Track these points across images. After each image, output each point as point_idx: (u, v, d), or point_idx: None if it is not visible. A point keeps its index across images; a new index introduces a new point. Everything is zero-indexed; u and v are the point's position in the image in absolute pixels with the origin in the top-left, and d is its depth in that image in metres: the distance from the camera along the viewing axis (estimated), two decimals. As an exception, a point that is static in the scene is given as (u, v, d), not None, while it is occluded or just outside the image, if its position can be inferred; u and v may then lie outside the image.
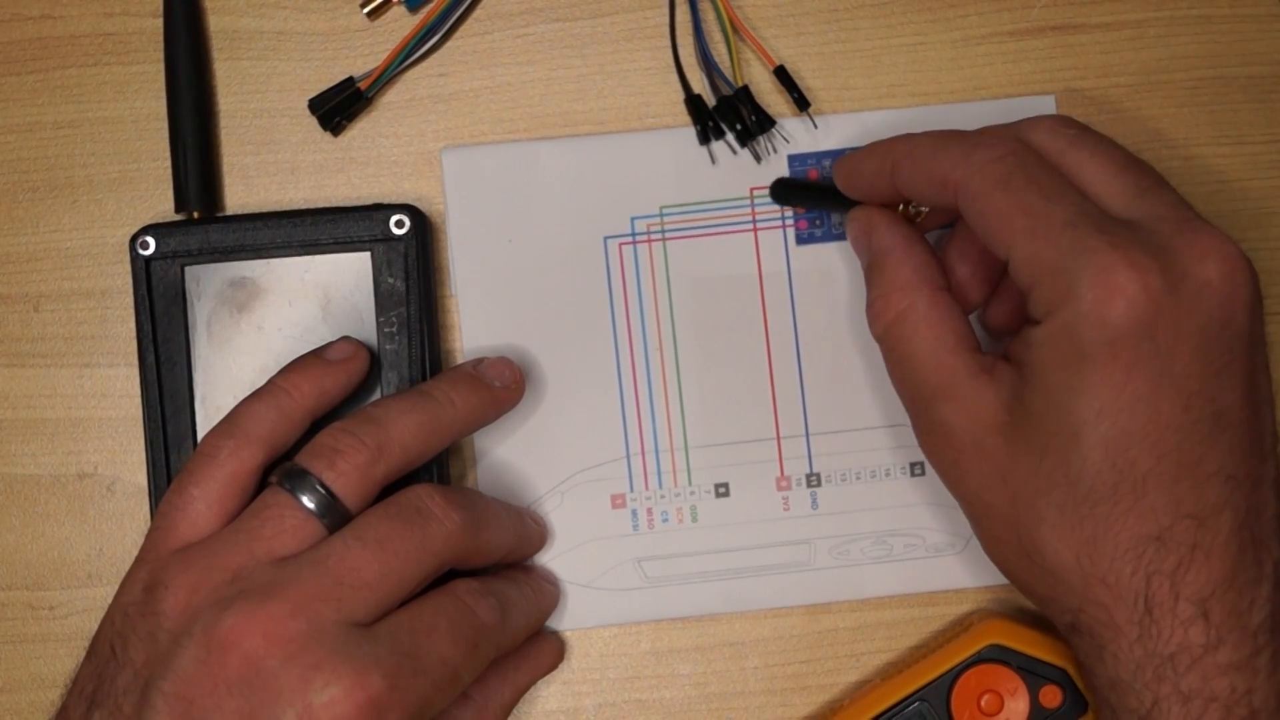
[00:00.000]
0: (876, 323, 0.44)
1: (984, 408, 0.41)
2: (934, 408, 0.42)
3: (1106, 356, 0.38)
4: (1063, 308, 0.39)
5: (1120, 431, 0.38)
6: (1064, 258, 0.39)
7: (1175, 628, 0.38)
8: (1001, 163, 0.41)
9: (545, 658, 0.48)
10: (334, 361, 0.45)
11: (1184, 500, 0.39)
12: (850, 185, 0.47)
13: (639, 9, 0.50)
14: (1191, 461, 0.39)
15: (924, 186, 0.43)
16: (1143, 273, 0.38)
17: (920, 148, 0.44)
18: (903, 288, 0.43)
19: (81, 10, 0.50)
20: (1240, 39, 0.50)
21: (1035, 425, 0.40)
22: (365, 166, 0.50)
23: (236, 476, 0.42)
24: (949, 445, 0.42)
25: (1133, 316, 0.38)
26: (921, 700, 0.46)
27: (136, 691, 0.39)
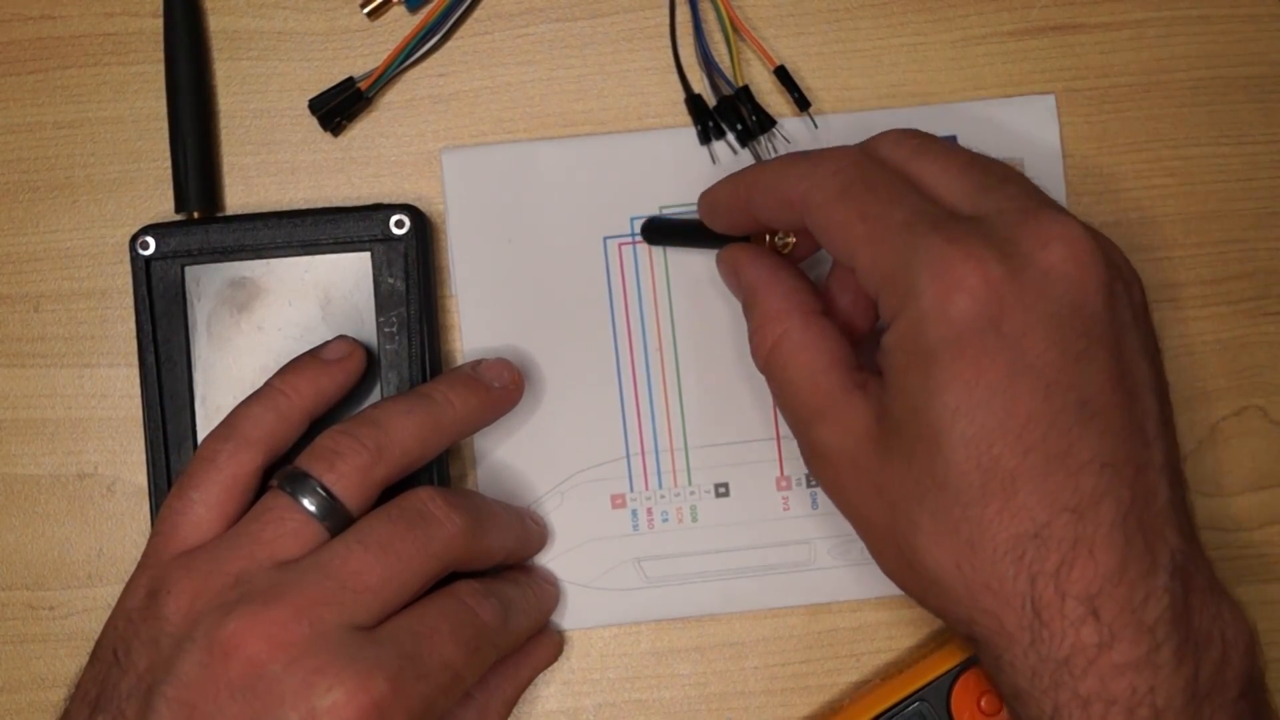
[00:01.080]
0: (757, 355, 0.44)
1: (857, 422, 0.40)
2: (813, 429, 0.42)
3: (953, 353, 0.37)
4: (905, 309, 0.38)
5: (979, 428, 0.37)
6: (902, 258, 0.38)
7: (1066, 629, 0.37)
8: (841, 174, 0.41)
9: (545, 653, 0.48)
10: (331, 361, 0.45)
11: (1058, 493, 0.37)
12: (713, 219, 0.46)
13: (639, 9, 0.50)
14: (1060, 452, 0.37)
15: (775, 209, 0.43)
16: (981, 264, 0.37)
17: (768, 171, 0.43)
18: (775, 317, 0.43)
19: (81, 10, 0.50)
20: (1240, 39, 0.50)
21: (900, 432, 0.39)
22: (365, 166, 0.50)
23: (236, 479, 0.42)
24: (829, 464, 0.41)
25: (974, 310, 0.37)
26: (921, 700, 0.46)
27: (139, 696, 0.39)
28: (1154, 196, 0.50)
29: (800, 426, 0.42)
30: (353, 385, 0.45)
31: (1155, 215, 0.50)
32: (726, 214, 0.46)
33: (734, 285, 0.46)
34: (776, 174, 0.43)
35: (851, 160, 0.42)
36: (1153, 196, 0.50)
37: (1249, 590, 0.49)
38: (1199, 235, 0.50)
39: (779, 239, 0.46)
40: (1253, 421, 0.50)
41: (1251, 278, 0.50)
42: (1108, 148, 0.50)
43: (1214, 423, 0.50)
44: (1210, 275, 0.50)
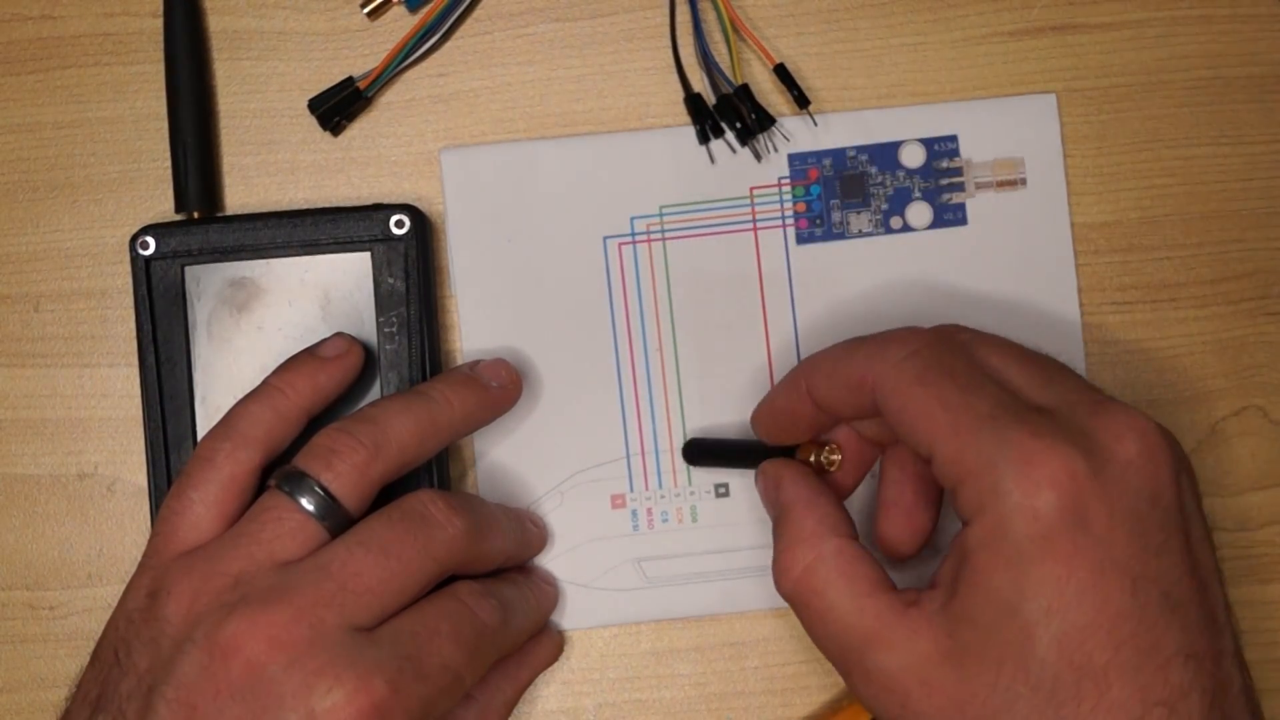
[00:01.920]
0: (784, 578, 0.42)
1: (922, 642, 0.39)
2: (867, 657, 0.40)
3: (1043, 551, 0.37)
4: (991, 505, 0.38)
5: (1072, 626, 0.37)
6: (987, 452, 0.38)
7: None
8: (917, 356, 0.40)
9: (545, 653, 0.48)
10: (328, 358, 0.45)
11: (1150, 687, 0.37)
12: (772, 423, 0.46)
13: (639, 9, 0.50)
14: (1149, 646, 0.37)
15: (841, 393, 0.42)
16: (1066, 459, 0.37)
17: (828, 357, 0.43)
18: (808, 539, 0.42)
19: (81, 10, 0.50)
20: (1240, 39, 0.50)
21: (985, 640, 0.37)
22: (365, 166, 0.50)
23: (235, 478, 0.42)
24: (892, 691, 0.39)
25: (1062, 506, 0.37)
26: (921, 701, 0.46)
27: (140, 697, 0.39)
28: (1154, 196, 0.50)
29: (850, 655, 0.40)
30: (350, 382, 0.45)
31: (1155, 215, 0.50)
32: (786, 413, 0.45)
33: (770, 501, 0.45)
34: (841, 356, 0.42)
35: (925, 342, 0.41)
36: (1153, 196, 0.50)
37: (1249, 590, 0.49)
38: (1199, 235, 0.50)
39: (825, 456, 0.45)
40: (1253, 421, 0.50)
41: (1251, 278, 0.50)
42: (1108, 148, 0.50)
43: (1214, 423, 0.50)
44: (1210, 275, 0.50)
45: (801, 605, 0.42)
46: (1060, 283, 0.50)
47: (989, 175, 0.50)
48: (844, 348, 0.43)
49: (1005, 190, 0.50)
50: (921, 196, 0.50)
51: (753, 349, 0.50)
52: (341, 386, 0.45)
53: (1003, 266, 0.50)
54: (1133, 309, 0.50)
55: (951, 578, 0.39)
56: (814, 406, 0.44)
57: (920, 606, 0.39)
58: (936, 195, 0.50)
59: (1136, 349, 0.50)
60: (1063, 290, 0.50)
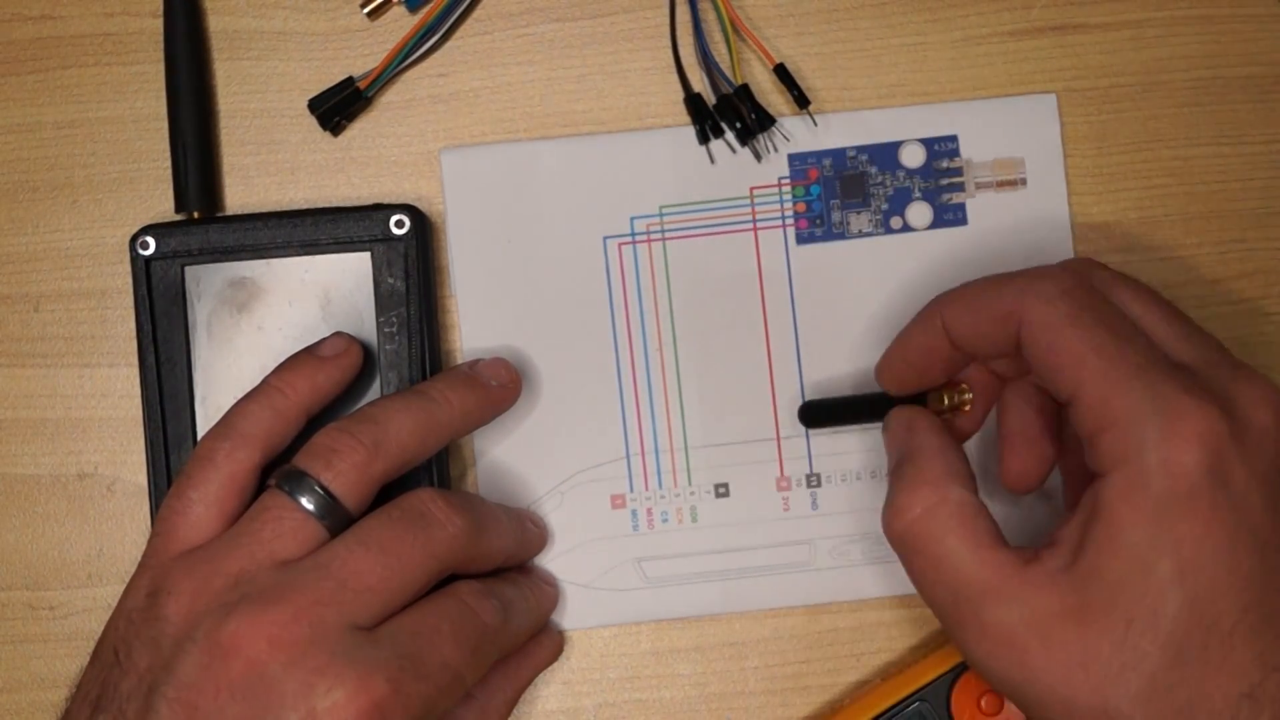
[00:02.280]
0: (899, 517, 0.41)
1: (1045, 597, 0.38)
2: (984, 609, 0.39)
3: (1185, 509, 0.37)
4: (1136, 457, 0.37)
5: (1205, 587, 0.37)
6: (1135, 403, 0.38)
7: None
8: (1069, 296, 0.40)
9: (545, 653, 0.48)
10: (327, 358, 0.45)
11: (1269, 652, 0.37)
12: (903, 364, 0.45)
13: (639, 9, 0.50)
14: (1271, 612, 0.37)
15: (985, 326, 0.42)
16: (1212, 419, 0.37)
17: (969, 291, 0.42)
18: (934, 481, 0.41)
19: (81, 10, 0.50)
20: (1240, 39, 0.50)
21: (1115, 594, 0.37)
22: (365, 166, 0.50)
23: (234, 478, 0.42)
24: (1011, 647, 0.38)
25: (1207, 465, 0.37)
26: (921, 700, 0.46)
27: (140, 697, 0.39)
28: (1154, 196, 0.50)
29: (965, 606, 0.40)
30: (349, 381, 0.45)
31: (1155, 215, 0.50)
32: (920, 351, 0.44)
33: (898, 443, 0.44)
34: (985, 289, 0.42)
35: (1075, 281, 0.40)
36: (1153, 196, 0.50)
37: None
38: (1199, 235, 0.50)
39: (958, 396, 0.45)
40: (1253, 421, 0.50)
41: (1251, 278, 0.50)
42: (1108, 148, 0.50)
43: (1214, 423, 0.50)
44: (1210, 275, 0.50)
45: (914, 549, 0.41)
46: (1060, 283, 0.50)
47: (989, 175, 0.50)
48: (987, 282, 0.42)
49: (1005, 190, 0.50)
50: (921, 196, 0.50)
51: (753, 349, 0.50)
52: (340, 386, 0.45)
53: (1003, 267, 0.49)
54: (1133, 309, 0.50)
55: (1079, 534, 0.39)
56: (949, 344, 0.43)
57: (1041, 562, 0.39)
58: (937, 195, 0.50)
59: (1136, 349, 0.50)
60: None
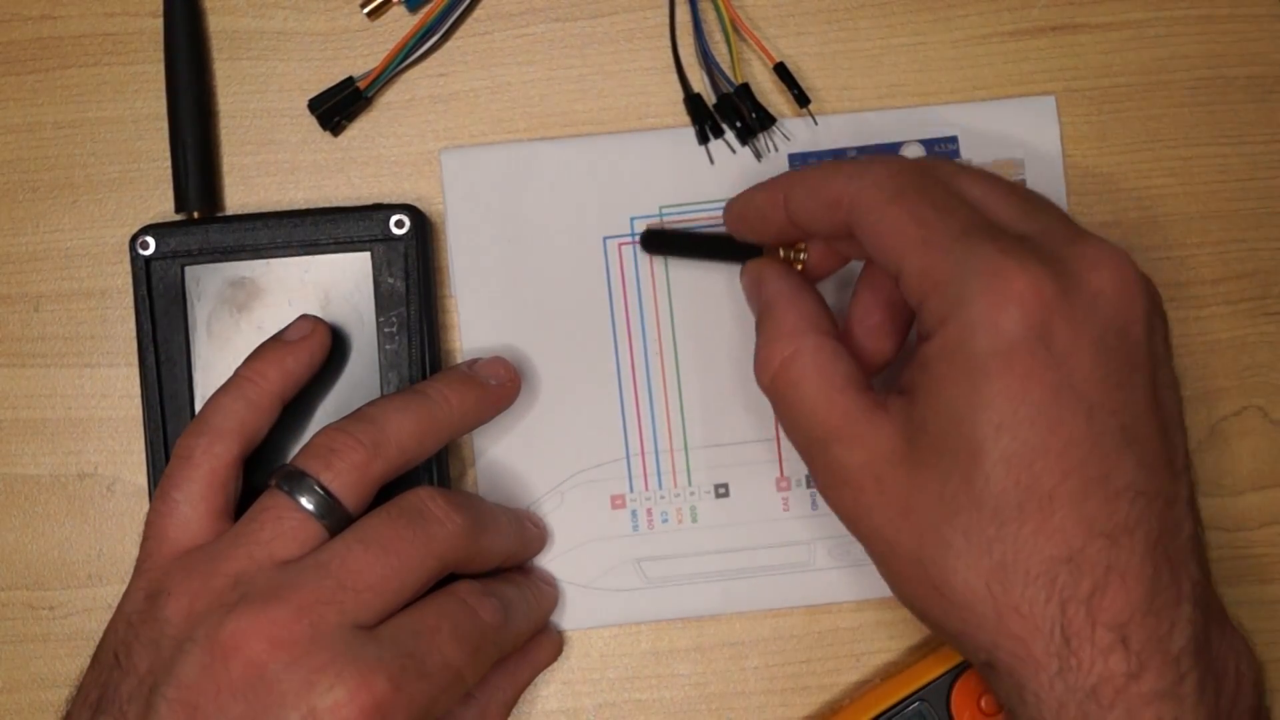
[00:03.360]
0: (763, 371, 0.43)
1: (881, 441, 0.39)
2: (829, 449, 0.40)
3: (1002, 365, 0.37)
4: (954, 317, 0.38)
5: (1022, 445, 0.37)
6: (955, 265, 0.38)
7: (1095, 657, 0.36)
8: (894, 177, 0.41)
9: (545, 653, 0.48)
10: (294, 341, 0.45)
11: (1094, 518, 0.37)
12: (742, 220, 0.46)
13: (639, 9, 0.50)
14: (1099, 477, 0.37)
15: (818, 210, 0.42)
16: (1035, 278, 0.37)
17: (811, 173, 0.43)
18: (789, 333, 0.42)
19: (81, 10, 0.50)
20: (1240, 39, 0.50)
21: (936, 449, 0.38)
22: (365, 166, 0.50)
23: (214, 473, 0.42)
24: (847, 485, 0.40)
25: (1026, 323, 0.37)
26: (921, 700, 0.46)
27: (141, 698, 0.39)
28: (1154, 196, 0.50)
29: (815, 447, 0.41)
30: (320, 363, 0.45)
31: (1155, 215, 0.50)
32: (759, 217, 0.45)
33: (753, 298, 0.45)
34: (821, 176, 0.43)
35: (902, 166, 0.41)
36: (1153, 196, 0.50)
37: (1249, 590, 0.49)
38: (1199, 235, 0.50)
39: (794, 253, 0.46)
40: (1253, 421, 0.50)
41: (1251, 278, 0.50)
42: (1108, 148, 0.50)
43: (1214, 423, 0.50)
44: (1210, 275, 0.50)
45: (778, 397, 0.42)
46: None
47: (989, 175, 0.50)
48: (826, 167, 0.43)
49: (1005, 190, 0.50)
50: (921, 196, 0.50)
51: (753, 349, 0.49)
52: (311, 368, 0.45)
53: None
54: (1133, 309, 0.50)
55: (910, 385, 0.39)
56: (787, 218, 0.44)
57: (887, 409, 0.40)
58: (936, 195, 0.50)
59: (1136, 349, 0.50)
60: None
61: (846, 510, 0.41)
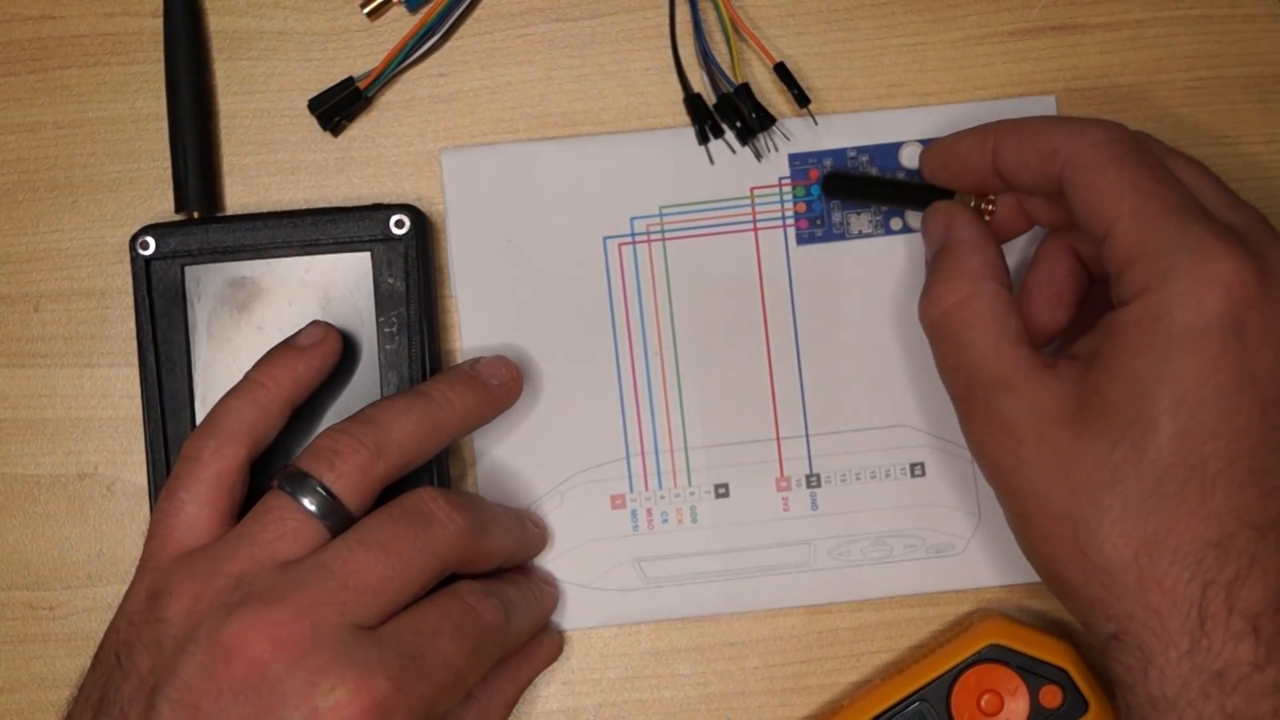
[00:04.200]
0: (935, 306, 0.43)
1: (1049, 398, 0.40)
2: (993, 396, 0.41)
3: (1196, 344, 0.38)
4: (1158, 288, 0.38)
5: (1198, 425, 0.38)
6: (1168, 240, 0.39)
7: (1226, 642, 0.37)
8: (1115, 141, 0.41)
9: (545, 654, 0.48)
10: (305, 347, 0.45)
11: (1249, 508, 0.38)
12: (944, 164, 0.46)
13: (639, 9, 0.50)
14: (1261, 470, 0.38)
15: (1030, 158, 0.43)
16: (1242, 268, 0.38)
17: (1025, 124, 0.44)
18: (970, 275, 0.43)
19: (81, 10, 0.50)
20: (1240, 39, 0.50)
21: (1109, 414, 0.39)
22: (365, 166, 0.50)
23: (222, 475, 0.42)
24: (1007, 435, 0.41)
25: (1226, 308, 0.38)
26: (921, 700, 0.46)
27: (142, 699, 0.39)
28: (1154, 196, 0.50)
29: (977, 392, 0.42)
30: (330, 369, 0.45)
31: (1155, 215, 0.50)
32: (963, 161, 0.45)
33: (937, 236, 0.45)
34: (1040, 127, 0.43)
35: (1122, 131, 0.42)
36: (1153, 196, 0.50)
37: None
38: (1199, 235, 0.50)
39: (984, 202, 0.46)
40: (1253, 421, 0.50)
41: (1251, 278, 0.50)
42: (1108, 148, 0.50)
43: (1214, 423, 0.50)
44: (1210, 275, 0.50)
45: (944, 335, 0.43)
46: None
47: (989, 175, 0.50)
48: (1043, 120, 0.44)
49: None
50: (921, 197, 0.50)
51: (753, 349, 0.49)
52: (321, 374, 0.45)
53: (1003, 266, 0.50)
54: (1133, 309, 0.50)
55: (1092, 350, 0.40)
56: (992, 166, 0.44)
57: (1056, 369, 0.41)
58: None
59: (1136, 349, 0.50)
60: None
61: (1000, 460, 0.41)
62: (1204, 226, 0.39)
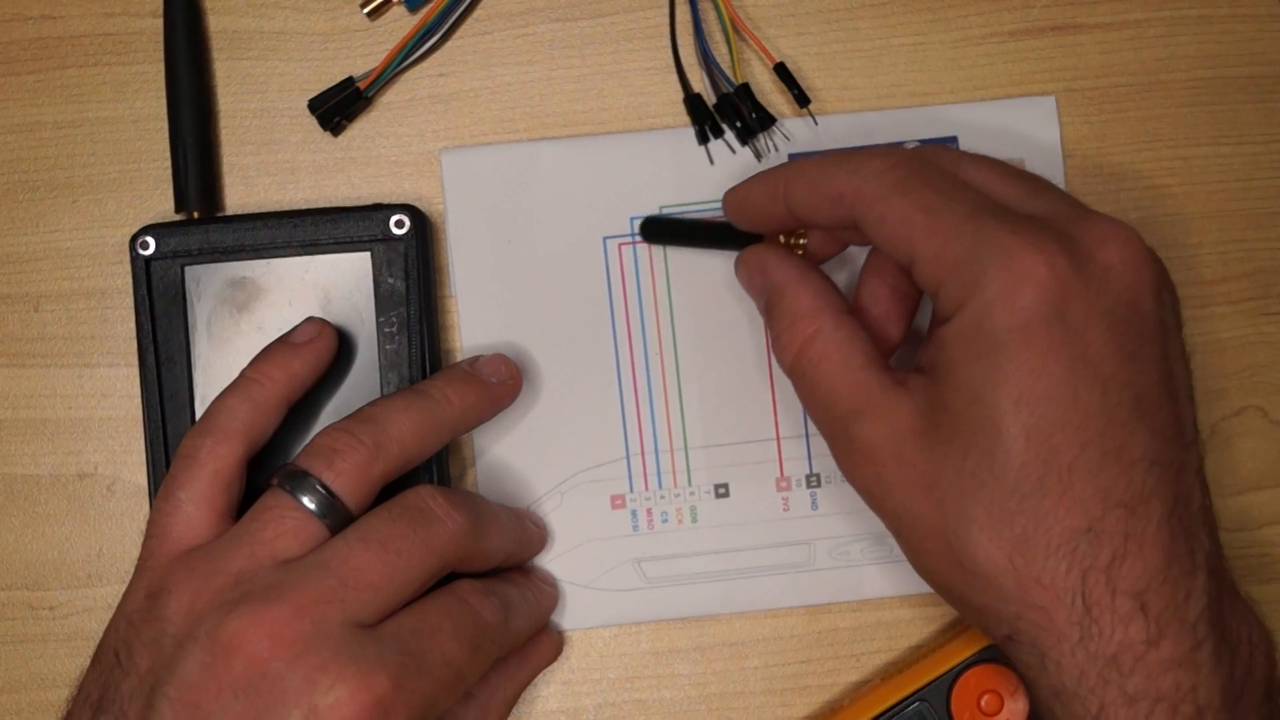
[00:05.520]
0: (785, 354, 0.43)
1: (902, 417, 0.40)
2: (850, 426, 0.41)
3: (1020, 342, 0.38)
4: (971, 299, 0.38)
5: (1041, 419, 0.38)
6: (968, 249, 0.39)
7: (1115, 625, 0.37)
8: (897, 168, 0.41)
9: (545, 653, 0.48)
10: (300, 344, 0.45)
11: (1112, 488, 0.38)
12: (741, 212, 0.46)
13: (639, 9, 0.50)
14: (1115, 448, 0.38)
15: (819, 203, 0.43)
16: (1048, 255, 0.38)
17: (812, 166, 0.44)
18: (806, 314, 0.43)
19: (81, 10, 0.50)
20: (1240, 39, 0.50)
21: (956, 425, 0.39)
22: (365, 166, 0.50)
23: (219, 474, 0.42)
24: (870, 461, 0.41)
25: (1042, 299, 0.38)
26: (921, 700, 0.46)
27: (142, 697, 0.39)
28: (1154, 196, 0.50)
29: (837, 425, 0.42)
30: (326, 365, 0.45)
31: (1155, 215, 0.50)
32: (758, 210, 0.46)
33: (757, 286, 0.46)
34: (823, 169, 0.43)
35: (904, 157, 0.42)
36: (1153, 196, 0.50)
37: (1249, 590, 0.49)
38: (1199, 235, 0.50)
39: (794, 239, 0.46)
40: (1253, 421, 0.50)
41: (1251, 278, 0.50)
42: (1108, 148, 0.50)
43: (1214, 423, 0.50)
44: (1210, 275, 0.50)
45: (801, 377, 0.43)
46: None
47: (989, 175, 0.50)
48: (827, 162, 0.43)
49: (1005, 190, 0.50)
50: (921, 196, 0.50)
51: (753, 349, 0.49)
52: (317, 371, 0.45)
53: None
54: (1133, 309, 0.50)
55: (930, 365, 0.40)
56: (788, 211, 0.44)
57: (906, 386, 0.41)
58: (936, 195, 0.50)
59: (1136, 349, 0.50)
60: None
61: (869, 486, 0.41)
62: (1002, 226, 0.39)
